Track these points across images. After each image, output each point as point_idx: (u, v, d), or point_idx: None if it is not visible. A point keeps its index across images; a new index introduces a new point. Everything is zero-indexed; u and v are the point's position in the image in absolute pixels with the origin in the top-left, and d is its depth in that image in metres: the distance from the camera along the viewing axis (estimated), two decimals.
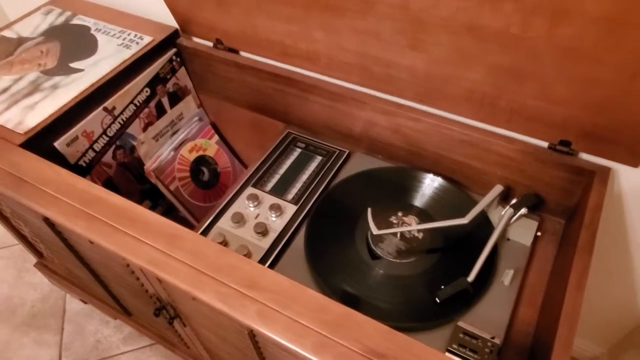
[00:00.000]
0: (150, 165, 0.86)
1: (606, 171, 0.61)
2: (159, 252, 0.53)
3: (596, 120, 0.55)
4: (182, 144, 0.91)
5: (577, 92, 0.53)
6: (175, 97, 0.89)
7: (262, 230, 0.68)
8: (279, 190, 0.74)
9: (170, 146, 0.89)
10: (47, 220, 0.68)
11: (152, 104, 0.84)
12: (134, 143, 0.83)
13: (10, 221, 0.96)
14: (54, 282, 1.15)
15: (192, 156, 0.93)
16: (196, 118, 0.95)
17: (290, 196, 0.73)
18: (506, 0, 0.47)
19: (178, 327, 0.80)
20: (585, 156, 0.63)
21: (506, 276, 0.60)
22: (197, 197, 0.94)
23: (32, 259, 1.21)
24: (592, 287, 0.81)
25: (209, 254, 0.52)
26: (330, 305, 0.47)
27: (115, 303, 0.94)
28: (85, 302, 1.13)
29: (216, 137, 0.97)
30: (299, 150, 0.80)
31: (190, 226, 0.85)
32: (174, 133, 0.91)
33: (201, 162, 0.94)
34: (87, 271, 0.82)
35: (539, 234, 0.65)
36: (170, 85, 0.86)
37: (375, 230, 0.64)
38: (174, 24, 0.86)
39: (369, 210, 0.65)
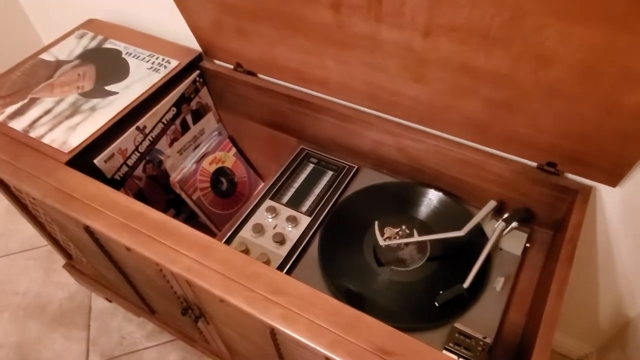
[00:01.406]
0: (175, 177, 0.94)
1: (588, 190, 0.68)
2: (194, 261, 0.61)
3: (577, 147, 0.63)
4: (203, 157, 0.99)
5: (561, 124, 0.60)
6: (198, 114, 0.97)
7: (280, 239, 0.76)
8: (295, 203, 0.82)
9: (192, 159, 0.97)
10: (87, 229, 0.77)
11: (178, 121, 0.92)
12: (162, 157, 0.91)
13: (45, 226, 1.05)
14: (80, 282, 1.23)
15: (212, 168, 1.00)
16: (216, 132, 1.03)
17: (304, 208, 0.81)
18: (496, 48, 0.55)
19: (201, 326, 0.88)
20: (570, 176, 0.70)
21: (498, 283, 0.68)
22: (216, 205, 1.01)
23: (59, 260, 1.30)
24: (581, 292, 0.89)
25: (238, 263, 0.60)
26: (343, 308, 0.55)
27: (141, 302, 1.02)
28: (110, 301, 1.21)
29: (234, 150, 1.05)
30: (312, 165, 0.88)
31: (210, 232, 0.93)
32: (196, 147, 0.99)
33: (220, 173, 1.02)
34: (119, 273, 0.90)
35: (527, 245, 0.72)
36: (193, 104, 0.94)
37: (381, 242, 0.71)
38: (197, 47, 0.93)
39: (376, 223, 0.73)
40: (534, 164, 0.71)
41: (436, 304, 0.66)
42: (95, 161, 0.78)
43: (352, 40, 0.67)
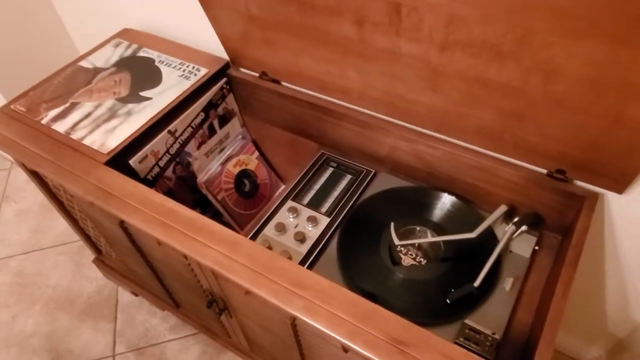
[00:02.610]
0: (201, 178, 1.00)
1: (595, 196, 0.71)
2: (223, 256, 0.66)
3: (585, 156, 0.66)
4: (228, 159, 1.04)
5: (568, 134, 0.64)
6: (224, 119, 1.02)
7: (300, 238, 0.80)
8: (315, 204, 0.86)
9: (218, 161, 1.03)
10: (122, 224, 0.83)
11: (206, 125, 0.98)
12: (190, 159, 0.97)
13: (78, 222, 1.11)
14: (108, 277, 1.30)
15: (236, 170, 1.06)
16: (240, 136, 1.08)
17: (324, 209, 0.85)
18: (508, 62, 0.59)
19: (224, 319, 0.93)
20: (579, 183, 0.73)
21: (507, 283, 0.71)
22: (239, 205, 1.07)
23: (88, 256, 1.37)
24: (590, 296, 0.91)
25: (263, 258, 0.65)
26: (360, 301, 0.60)
27: (167, 295, 1.08)
28: (136, 295, 1.27)
29: (256, 153, 1.10)
30: (331, 169, 0.92)
31: (233, 230, 0.98)
32: (222, 150, 1.04)
33: (243, 175, 1.07)
34: (148, 268, 0.96)
35: (536, 248, 0.76)
36: (220, 109, 1.00)
37: (396, 241, 0.76)
38: (225, 56, 0.99)
39: (392, 224, 0.77)
40: (544, 171, 0.74)
41: (448, 301, 0.70)
42: (130, 162, 0.84)
43: (373, 53, 0.72)
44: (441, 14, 0.58)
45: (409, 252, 0.77)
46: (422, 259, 0.76)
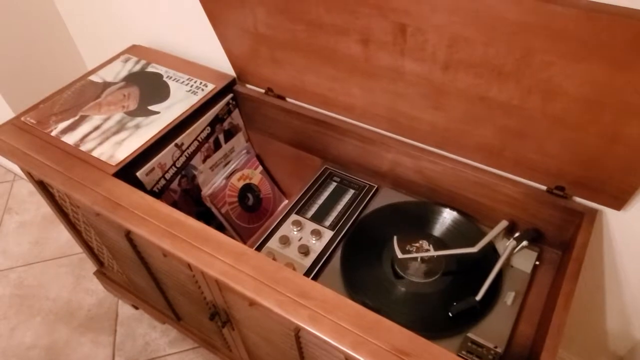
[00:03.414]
0: (206, 191, 1.01)
1: (594, 213, 0.73)
2: (229, 266, 0.67)
3: (584, 173, 0.68)
4: (232, 173, 1.06)
5: (567, 151, 0.66)
6: (229, 134, 1.04)
7: (304, 251, 0.82)
8: (319, 218, 0.88)
9: (222, 175, 1.05)
10: (127, 235, 0.84)
11: (211, 139, 0.99)
12: (195, 173, 0.98)
13: (82, 234, 1.12)
14: (109, 289, 1.30)
15: (240, 184, 1.07)
16: (244, 151, 1.10)
17: (327, 223, 0.87)
18: (509, 82, 0.61)
19: (226, 332, 0.94)
20: (578, 199, 0.75)
21: (508, 297, 0.72)
22: (242, 219, 1.08)
23: (89, 268, 1.37)
24: (590, 313, 0.92)
25: (269, 269, 0.66)
26: (364, 312, 0.61)
27: (168, 308, 1.08)
28: (137, 308, 1.27)
29: (260, 168, 1.12)
30: (334, 183, 0.94)
31: None
32: (226, 164, 1.06)
33: (247, 189, 1.09)
34: (151, 279, 0.96)
35: (537, 263, 0.77)
36: (226, 124, 1.02)
37: (399, 255, 0.77)
38: (231, 72, 1.01)
39: (395, 238, 0.79)
40: (544, 188, 0.76)
41: (450, 314, 0.71)
42: (137, 174, 0.86)
43: (377, 71, 0.74)
44: (444, 34, 0.61)
45: (412, 266, 0.78)
46: (424, 273, 0.77)
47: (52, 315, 1.30)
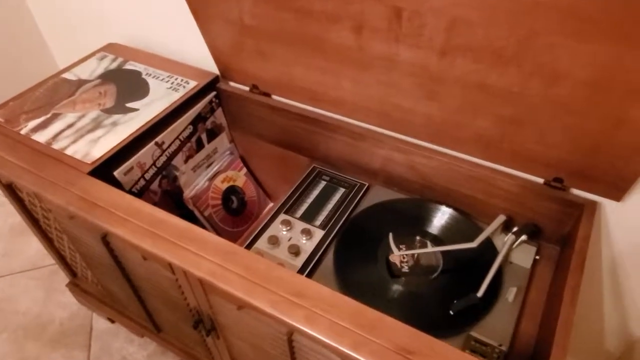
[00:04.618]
0: (188, 193, 0.96)
1: (593, 204, 0.71)
2: (217, 266, 0.62)
3: (584, 162, 0.66)
4: (215, 175, 1.01)
5: (568, 139, 0.64)
6: (212, 133, 1.00)
7: (295, 251, 0.77)
8: (308, 217, 0.84)
9: (205, 177, 1.00)
10: (104, 239, 0.78)
11: (194, 139, 0.95)
12: (177, 173, 0.93)
13: (53, 242, 1.05)
14: (82, 302, 1.22)
15: (224, 186, 1.03)
16: (228, 152, 1.06)
17: (318, 222, 0.83)
18: (509, 66, 0.59)
19: (210, 341, 0.88)
20: (576, 191, 0.73)
21: (510, 293, 0.70)
22: (226, 222, 1.03)
23: (61, 280, 1.29)
24: (587, 311, 0.90)
25: (260, 267, 0.62)
26: (364, 310, 0.57)
27: (147, 319, 1.02)
28: (113, 321, 1.20)
29: (244, 170, 1.08)
30: (324, 182, 0.90)
31: None
32: (209, 165, 1.01)
33: (231, 191, 1.04)
34: (129, 287, 0.90)
35: (537, 257, 0.75)
36: (209, 123, 0.97)
37: (396, 252, 0.74)
38: (214, 70, 0.97)
39: (390, 234, 0.75)
40: (541, 180, 0.74)
41: (451, 312, 0.67)
42: (115, 173, 0.80)
43: (370, 61, 0.71)
44: (444, 17, 0.58)
45: (408, 264, 0.75)
46: (421, 271, 0.74)
47: (21, 330, 1.21)
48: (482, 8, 0.55)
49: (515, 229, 0.75)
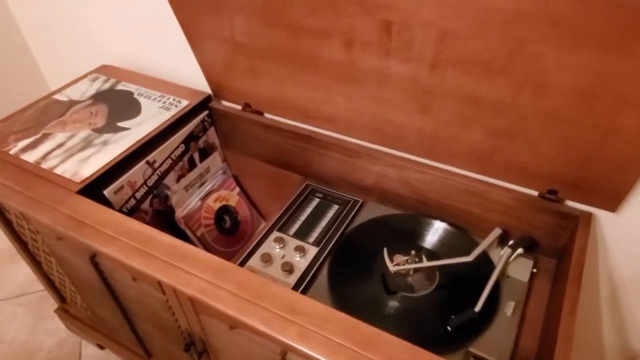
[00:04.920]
0: (180, 213, 0.95)
1: (589, 216, 0.71)
2: (208, 283, 0.61)
3: (577, 173, 0.66)
4: (208, 194, 1.00)
5: (560, 150, 0.64)
6: (205, 153, 0.99)
7: (288, 268, 0.76)
8: (302, 234, 0.82)
9: (198, 196, 0.99)
10: (93, 259, 0.76)
11: (185, 158, 0.94)
12: (168, 193, 0.92)
13: (42, 265, 1.03)
14: (71, 328, 1.19)
15: (217, 205, 1.02)
16: (220, 171, 1.05)
17: (311, 239, 0.82)
18: (499, 77, 0.59)
19: None
20: (571, 203, 0.73)
21: (508, 308, 0.68)
22: (219, 242, 1.01)
23: (49, 307, 1.26)
24: (586, 324, 0.89)
25: (252, 284, 0.60)
26: (360, 326, 0.55)
27: (137, 344, 0.99)
28: (102, 348, 1.17)
29: (237, 189, 1.07)
30: (317, 199, 0.89)
31: None
32: (202, 184, 1.00)
33: (224, 211, 1.03)
34: (118, 310, 0.88)
35: (534, 270, 0.74)
36: (201, 142, 0.97)
37: (391, 267, 0.72)
38: (206, 89, 0.98)
39: (385, 249, 0.74)
40: (536, 193, 0.73)
41: (448, 328, 0.66)
42: (105, 192, 0.79)
43: (361, 76, 0.72)
44: (433, 30, 0.59)
45: (404, 279, 0.74)
46: (417, 286, 0.73)
47: (8, 359, 1.17)
48: (471, 20, 0.55)
49: (511, 242, 0.74)
